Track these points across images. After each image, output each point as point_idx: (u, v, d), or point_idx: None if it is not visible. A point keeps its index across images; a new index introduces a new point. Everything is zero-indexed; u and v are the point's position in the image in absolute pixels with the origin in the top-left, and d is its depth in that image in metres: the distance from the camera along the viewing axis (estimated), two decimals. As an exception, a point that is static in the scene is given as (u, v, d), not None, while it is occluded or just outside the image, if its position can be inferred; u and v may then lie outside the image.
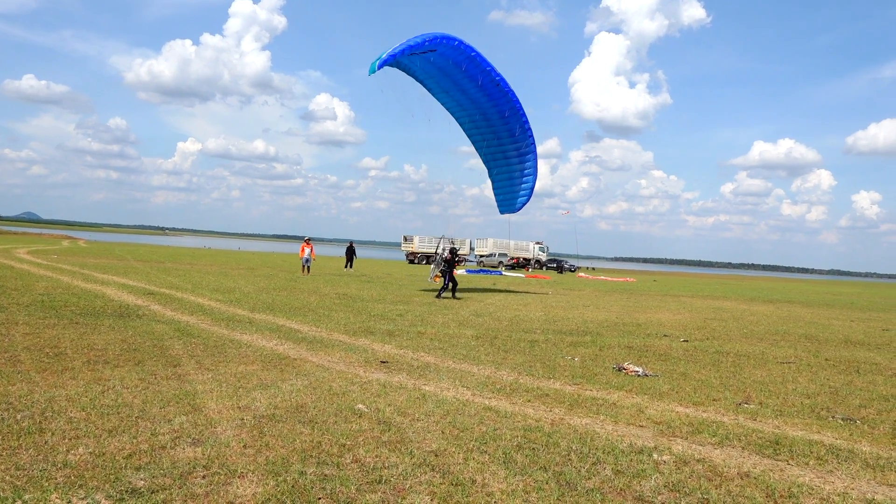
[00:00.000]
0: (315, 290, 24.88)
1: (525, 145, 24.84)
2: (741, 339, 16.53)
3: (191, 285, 23.60)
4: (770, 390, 10.25)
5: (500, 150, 25.52)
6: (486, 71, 22.61)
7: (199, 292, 21.08)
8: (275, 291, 23.16)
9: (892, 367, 13.23)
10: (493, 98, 23.47)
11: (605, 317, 20.73)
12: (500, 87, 23.16)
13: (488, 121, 24.55)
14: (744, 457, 6.74)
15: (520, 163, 25.56)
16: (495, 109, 23.92)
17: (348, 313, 17.55)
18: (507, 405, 8.41)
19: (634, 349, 13.91)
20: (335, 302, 20.53)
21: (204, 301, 18.57)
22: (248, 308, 17.46)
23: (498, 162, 26.02)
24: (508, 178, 26.23)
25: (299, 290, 24.51)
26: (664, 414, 8.34)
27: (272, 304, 18.87)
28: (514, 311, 21.22)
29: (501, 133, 24.73)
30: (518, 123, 24.25)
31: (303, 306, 18.66)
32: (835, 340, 17.42)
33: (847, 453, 7.00)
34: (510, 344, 13.74)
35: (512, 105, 23.78)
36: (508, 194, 26.73)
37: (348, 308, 18.91)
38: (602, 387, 9.89)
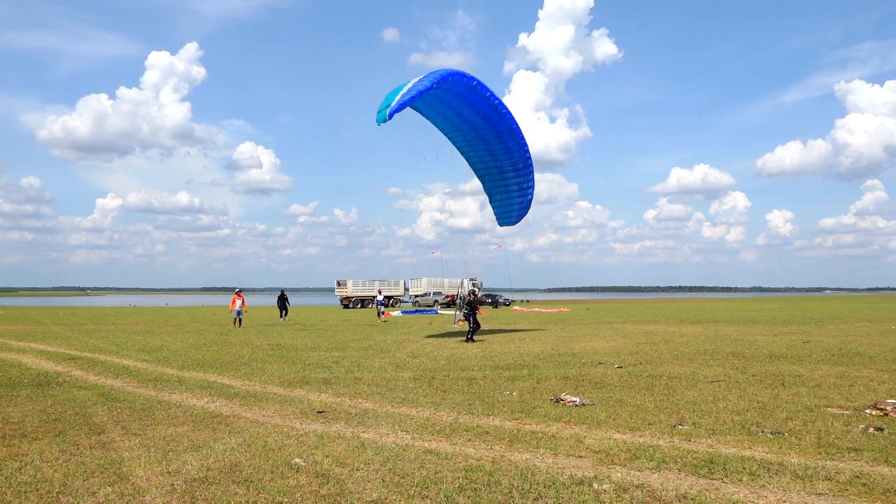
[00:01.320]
0: (247, 342, 24.28)
1: (522, 162, 25.89)
2: (672, 362, 16.94)
3: (115, 346, 22.68)
4: (702, 410, 10.51)
5: (497, 168, 26.48)
6: (486, 97, 23.55)
7: (123, 353, 20.27)
8: (205, 347, 22.48)
9: (815, 377, 13.78)
10: (490, 120, 24.44)
11: (541, 349, 20.93)
12: (498, 110, 24.12)
13: (485, 142, 25.49)
14: (680, 479, 6.86)
15: (516, 177, 26.55)
16: (492, 130, 24.86)
17: (282, 364, 17.18)
18: (447, 446, 8.35)
19: (571, 379, 14.06)
20: (268, 353, 20.07)
21: (129, 362, 17.85)
22: (177, 366, 16.87)
23: (493, 178, 26.95)
24: (506, 194, 27.25)
25: (230, 343, 23.86)
26: (602, 442, 8.43)
27: (202, 360, 18.30)
28: (451, 349, 21.20)
29: (497, 152, 25.72)
30: (515, 142, 25.26)
31: (234, 360, 18.16)
32: (760, 356, 18.05)
33: (777, 466, 7.21)
34: (448, 383, 13.68)
35: (509, 125, 24.69)
36: (507, 208, 27.75)
37: (282, 358, 18.50)
38: (541, 420, 9.93)
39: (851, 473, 6.92)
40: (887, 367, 15.26)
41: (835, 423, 9.35)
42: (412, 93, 20.92)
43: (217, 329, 32.51)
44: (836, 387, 12.59)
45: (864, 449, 7.91)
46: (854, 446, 8.05)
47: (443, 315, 50.44)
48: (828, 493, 6.37)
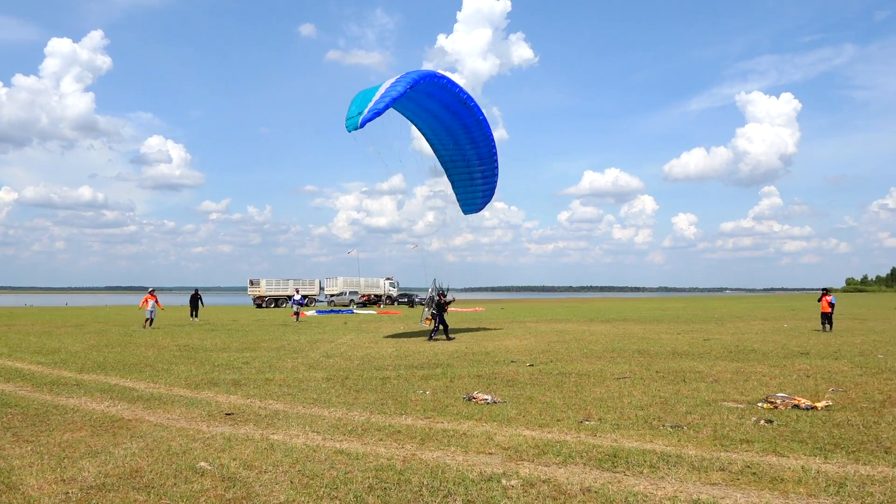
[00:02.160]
0: (153, 343, 23.38)
1: (487, 152, 26.26)
2: (582, 359, 17.42)
3: (7, 349, 21.39)
4: (608, 406, 10.86)
5: (462, 157, 26.82)
6: (455, 93, 23.87)
7: (17, 356, 19.15)
8: (107, 348, 21.51)
9: (713, 373, 14.47)
10: (457, 114, 24.72)
11: (455, 347, 21.09)
12: (466, 104, 24.41)
13: (451, 132, 25.79)
14: (585, 472, 7.07)
15: (480, 166, 26.91)
16: (459, 122, 25.20)
17: (189, 365, 16.64)
18: (358, 446, 8.30)
19: (484, 377, 14.24)
20: (175, 354, 19.40)
21: (23, 365, 16.88)
22: (76, 369, 16.08)
23: (459, 168, 27.29)
24: (470, 182, 27.66)
25: (135, 344, 22.92)
26: (512, 439, 8.58)
27: (104, 362, 17.51)
28: (366, 349, 21.09)
29: (463, 142, 26.04)
30: (481, 133, 25.62)
31: (139, 362, 17.46)
32: (664, 353, 18.81)
33: (676, 458, 7.54)
34: (362, 383, 13.61)
35: (476, 117, 24.99)
36: (471, 196, 28.16)
37: (190, 360, 17.93)
38: (453, 418, 10.02)
39: (743, 463, 7.31)
40: (778, 363, 16.20)
41: (730, 417, 9.85)
42: (385, 100, 20.69)
43: (121, 329, 31.16)
44: (732, 382, 13.26)
45: (755, 440, 8.37)
46: (746, 438, 8.50)
47: (359, 315, 50.09)
48: (721, 482, 6.71)
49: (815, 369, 15.03)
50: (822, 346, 20.41)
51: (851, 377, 13.80)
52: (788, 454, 7.73)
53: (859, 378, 13.66)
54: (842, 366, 15.61)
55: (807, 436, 8.61)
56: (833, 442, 8.27)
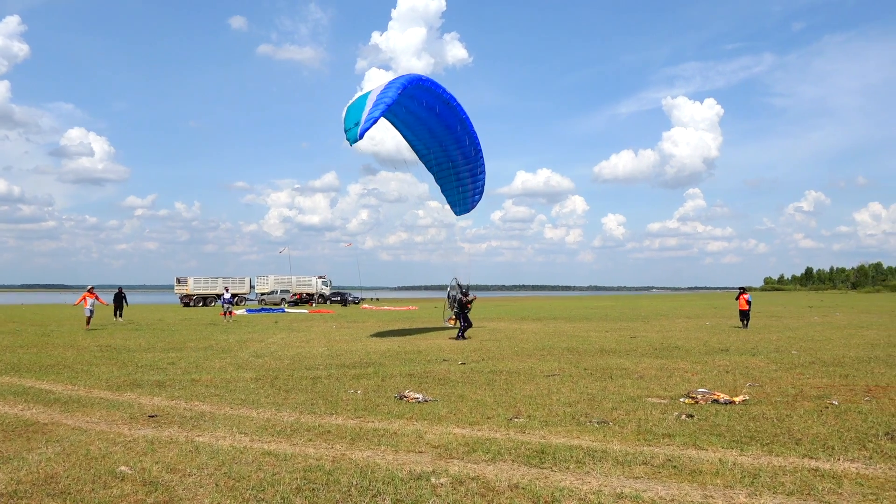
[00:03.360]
0: (72, 343, 22.46)
1: (472, 151, 26.25)
2: (513, 357, 17.65)
3: (-88, 350, 20.16)
4: (537, 403, 11.03)
5: (447, 158, 26.79)
6: (437, 94, 23.77)
7: (-78, 358, 18.07)
8: (21, 349, 20.53)
9: (638, 370, 14.89)
10: (441, 115, 24.62)
11: (388, 346, 21.04)
12: (449, 104, 24.35)
13: (434, 134, 25.75)
14: (514, 469, 7.16)
15: (466, 164, 26.83)
16: (442, 124, 25.14)
17: (111, 366, 16.06)
18: (287, 447, 8.19)
19: (415, 376, 14.26)
20: (96, 355, 18.68)
21: (-71, 367, 15.95)
22: (-12, 371, 15.29)
23: (444, 169, 27.21)
24: (458, 183, 27.52)
25: (52, 345, 21.96)
26: (442, 437, 8.62)
27: (18, 363, 16.71)
28: (297, 348, 20.80)
29: (448, 143, 26.00)
30: (465, 132, 25.58)
31: (56, 363, 16.74)
32: (592, 351, 19.24)
33: (601, 454, 7.73)
34: (292, 383, 13.42)
35: (459, 117, 24.95)
36: (460, 197, 28.03)
37: (112, 361, 17.30)
38: (384, 417, 10.00)
39: (665, 457, 7.55)
40: (700, 360, 16.79)
41: (653, 412, 10.16)
42: (380, 107, 20.57)
43: (37, 329, 29.80)
44: (656, 378, 13.67)
45: (676, 434, 8.66)
46: (668, 432, 8.78)
47: (290, 314, 49.36)
48: (644, 476, 6.91)
49: (734, 365, 15.65)
50: (740, 343, 21.27)
51: (767, 372, 14.43)
52: (707, 447, 8.02)
53: (774, 373, 14.30)
54: (759, 361, 16.31)
55: (725, 429, 8.96)
56: (749, 435, 8.63)
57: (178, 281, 69.74)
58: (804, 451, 7.79)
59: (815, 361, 16.24)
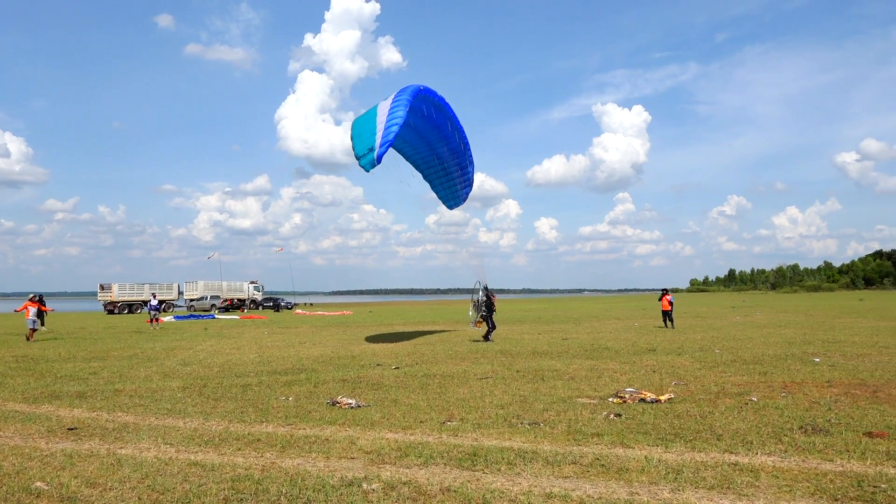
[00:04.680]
0: (-14, 354, 21.34)
1: (460, 145, 26.12)
2: (447, 360, 17.70)
3: None
4: (470, 406, 11.10)
5: (434, 156, 26.63)
6: (427, 97, 23.49)
7: None
8: (-71, 361, 19.39)
9: (569, 371, 15.16)
10: (428, 117, 24.35)
11: (321, 352, 20.80)
12: (438, 104, 24.14)
13: (422, 135, 25.49)
14: (446, 472, 7.19)
15: (455, 158, 26.65)
16: (430, 124, 24.94)
17: (28, 378, 15.34)
18: (214, 457, 7.99)
19: (349, 382, 14.14)
20: (11, 366, 17.81)
21: None
22: None
23: (432, 166, 27.02)
24: (447, 177, 27.34)
25: (-36, 356, 20.82)
26: (375, 442, 8.57)
27: (-75, 376, 15.77)
28: (227, 355, 20.33)
29: (434, 141, 25.87)
30: (452, 128, 25.46)
31: (-32, 375, 15.87)
32: (525, 353, 19.48)
33: (532, 454, 7.83)
34: (221, 391, 13.11)
35: (447, 114, 24.78)
36: (450, 191, 27.84)
37: (28, 372, 16.53)
38: (316, 424, 9.88)
39: (593, 456, 7.71)
40: (628, 360, 17.22)
41: (583, 412, 10.35)
42: (393, 130, 20.27)
43: (-53, 340, 28.19)
44: (586, 379, 13.95)
45: (604, 434, 8.85)
46: (597, 432, 8.97)
47: (220, 320, 48.23)
48: (573, 475, 7.03)
49: (661, 364, 16.11)
50: (667, 343, 21.91)
51: (692, 371, 14.91)
52: (634, 445, 8.23)
53: (699, 372, 14.78)
54: (684, 361, 16.84)
55: (651, 427, 9.21)
56: (673, 432, 8.90)
57: (102, 287, 67.21)
58: (725, 447, 8.08)
59: (737, 360, 16.88)
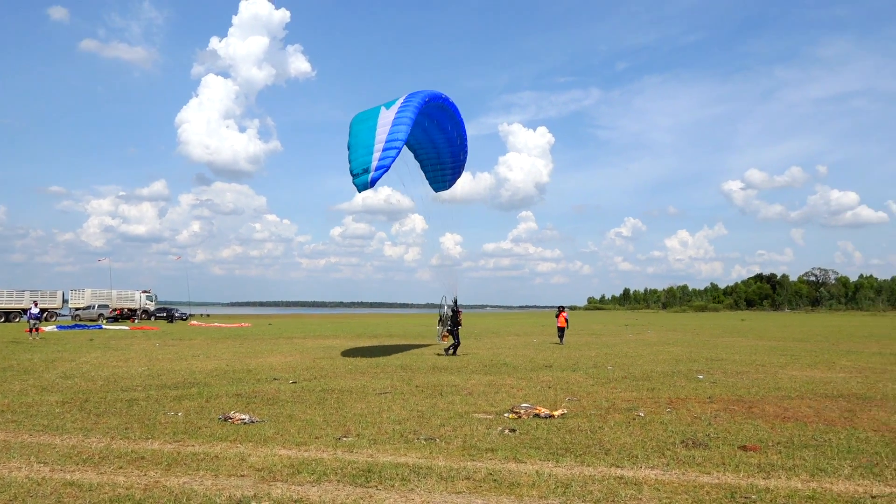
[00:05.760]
0: None
1: (459, 140, 26.00)
2: (346, 375, 17.51)
3: None
4: (368, 421, 11.02)
5: (436, 153, 26.53)
6: (438, 104, 23.46)
7: None
8: None
9: (468, 386, 15.32)
10: (437, 120, 24.51)
11: (215, 365, 20.13)
12: (443, 106, 23.89)
13: (427, 133, 25.23)
14: (338, 490, 7.10)
15: (449, 147, 26.33)
16: (438, 127, 25.15)
17: None
18: (93, 476, 7.57)
19: (243, 396, 13.75)
20: None
21: None
22: None
23: (429, 154, 26.72)
24: (438, 162, 26.94)
25: None
26: (267, 459, 8.37)
27: None
28: (113, 368, 19.34)
29: (438, 141, 25.87)
30: (455, 128, 25.52)
31: None
32: (425, 368, 19.53)
33: (426, 470, 7.85)
34: (104, 406, 12.45)
35: (449, 112, 24.58)
36: (440, 174, 27.38)
37: None
38: (205, 440, 9.54)
39: (486, 471, 7.82)
40: (525, 375, 17.59)
41: (479, 427, 10.48)
42: (391, 154, 20.19)
43: None
44: (484, 394, 14.13)
45: (498, 448, 8.99)
46: (491, 447, 9.10)
47: (108, 330, 45.85)
48: (466, 491, 7.10)
49: (556, 380, 16.55)
50: (563, 359, 22.53)
51: (585, 387, 15.38)
52: (526, 460, 8.40)
53: (591, 388, 15.27)
54: (578, 377, 17.36)
55: (543, 442, 9.43)
56: (564, 447, 9.15)
57: (-27, 295, 62.55)
58: (612, 461, 8.38)
59: (627, 376, 17.55)
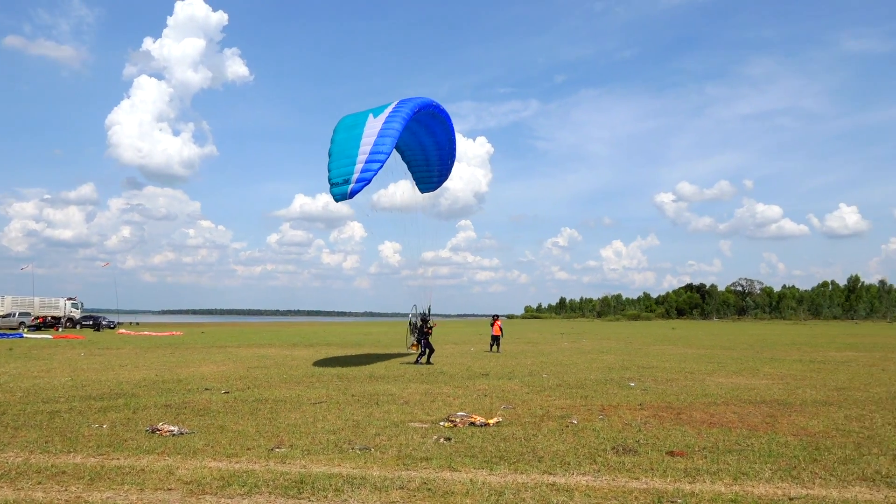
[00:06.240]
0: None
1: (448, 145, 25.89)
2: (281, 385, 17.23)
3: None
4: (301, 431, 10.86)
5: (425, 159, 26.49)
6: (429, 112, 23.37)
7: None
8: None
9: (404, 395, 15.28)
10: (423, 122, 24.03)
11: (143, 375, 19.51)
12: (434, 113, 23.79)
13: (417, 137, 25.08)
14: (270, 502, 6.98)
15: (437, 151, 26.18)
16: (426, 129, 24.86)
17: None
18: (9, 493, 7.23)
19: (173, 407, 13.36)
20: None
21: None
22: None
23: (417, 157, 26.40)
24: (426, 167, 26.72)
25: None
26: (196, 472, 8.15)
27: None
28: (34, 379, 18.52)
29: (429, 147, 25.91)
30: (446, 135, 25.47)
31: None
32: (361, 377, 19.39)
33: (360, 480, 7.79)
34: (23, 419, 11.91)
35: (440, 118, 24.50)
36: (426, 174, 27.09)
37: None
38: (131, 453, 9.23)
39: (421, 481, 7.81)
40: (462, 384, 17.66)
41: (414, 436, 10.47)
42: (373, 168, 19.85)
43: None
44: (420, 403, 14.12)
45: (433, 457, 8.99)
46: (426, 456, 9.10)
47: (29, 339, 43.88)
48: (399, 500, 7.08)
49: (492, 388, 16.67)
50: (499, 368, 22.72)
51: (521, 395, 15.54)
52: (461, 469, 8.43)
53: (527, 395, 15.44)
54: (514, 385, 17.53)
55: (478, 450, 9.48)
56: (499, 455, 9.22)
57: None
58: (545, 468, 8.49)
59: (562, 384, 17.82)
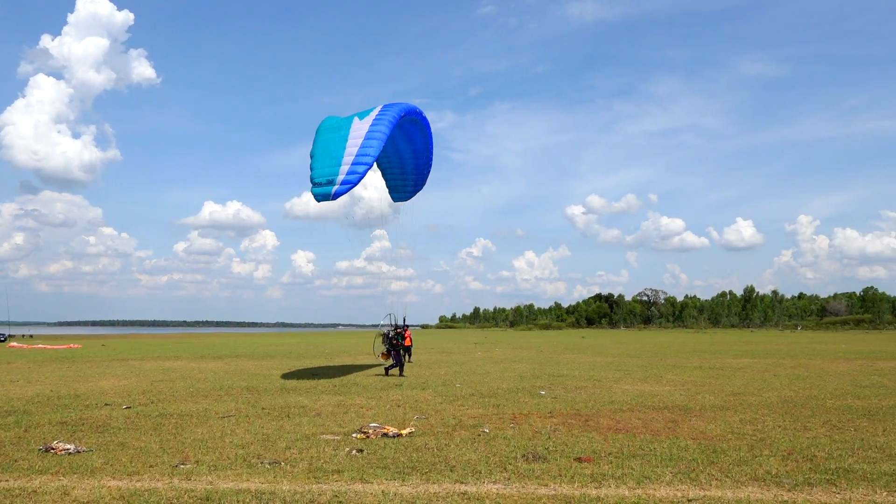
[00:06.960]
0: None
1: (425, 155, 25.73)
2: (187, 399, 16.65)
3: None
4: (208, 446, 10.54)
5: (401, 167, 26.16)
6: (411, 118, 23.19)
7: None
8: None
9: (316, 407, 15.06)
10: (402, 128, 23.65)
11: (37, 391, 18.44)
12: (414, 119, 23.60)
13: (394, 143, 24.42)
14: (173, 520, 6.73)
15: (414, 159, 25.91)
16: (405, 136, 24.63)
17: None
18: None
19: (69, 424, 12.70)
20: None
21: None
22: None
23: (392, 165, 26.10)
24: (402, 175, 26.42)
25: None
26: (93, 492, 7.77)
27: None
28: (-88, 396, 17.18)
29: (406, 156, 25.61)
30: (424, 144, 25.31)
31: None
32: (272, 389, 18.98)
33: (270, 495, 7.63)
34: None
35: (420, 125, 24.32)
36: (400, 182, 26.56)
37: None
38: (23, 474, 8.72)
39: (332, 494, 7.72)
40: (375, 395, 17.56)
41: (326, 449, 10.33)
42: (359, 171, 19.60)
43: None
44: (333, 415, 13.95)
45: (345, 470, 8.91)
46: (338, 468, 9.00)
47: None
48: (310, 514, 6.97)
49: (406, 399, 16.65)
50: (413, 378, 22.71)
51: (434, 405, 15.59)
52: (373, 480, 8.38)
53: (440, 405, 15.51)
54: (427, 395, 17.56)
55: (391, 461, 9.45)
56: (411, 465, 9.22)
57: None
58: (456, 477, 8.55)
59: (475, 393, 17.99)
